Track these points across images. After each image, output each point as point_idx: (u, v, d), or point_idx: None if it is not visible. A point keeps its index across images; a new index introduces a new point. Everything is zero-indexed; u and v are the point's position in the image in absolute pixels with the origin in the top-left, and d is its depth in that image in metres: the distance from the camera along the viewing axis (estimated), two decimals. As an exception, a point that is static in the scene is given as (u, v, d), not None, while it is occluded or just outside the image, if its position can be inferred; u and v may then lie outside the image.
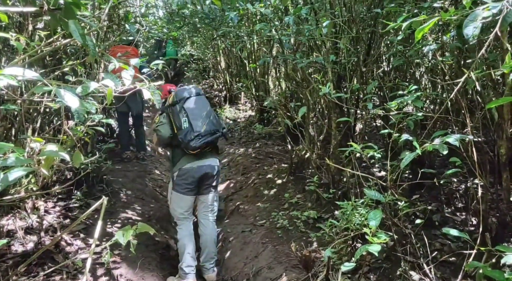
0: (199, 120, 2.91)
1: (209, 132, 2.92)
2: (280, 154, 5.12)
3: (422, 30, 1.16)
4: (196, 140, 2.84)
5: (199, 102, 3.02)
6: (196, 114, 2.93)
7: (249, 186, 4.32)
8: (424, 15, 1.34)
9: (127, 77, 1.76)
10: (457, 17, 1.04)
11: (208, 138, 2.90)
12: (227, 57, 8.24)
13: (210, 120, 2.96)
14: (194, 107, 2.95)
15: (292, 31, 3.14)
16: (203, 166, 3.03)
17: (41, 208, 3.66)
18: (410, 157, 1.97)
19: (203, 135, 2.88)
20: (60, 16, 1.72)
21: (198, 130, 2.86)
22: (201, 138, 2.86)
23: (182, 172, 3.02)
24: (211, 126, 2.95)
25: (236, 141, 6.08)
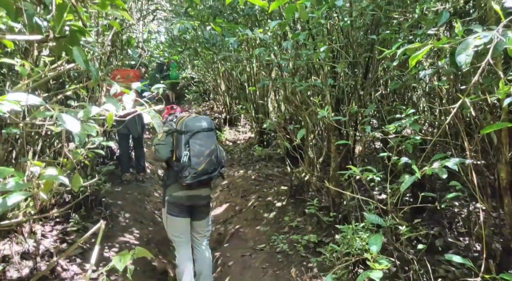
0: (200, 158, 2.82)
1: (207, 171, 2.85)
2: (280, 176, 5.10)
3: (416, 57, 1.19)
4: (191, 178, 2.79)
5: (206, 138, 2.90)
6: (199, 152, 2.83)
7: (249, 209, 4.29)
8: (418, 43, 1.37)
9: (128, 101, 1.79)
10: (450, 45, 1.07)
11: (203, 177, 2.84)
12: (227, 80, 8.36)
13: (211, 159, 2.88)
14: (199, 144, 2.85)
15: (291, 55, 3.21)
16: (193, 196, 2.99)
17: (38, 232, 3.62)
18: (409, 181, 1.97)
19: (199, 173, 2.81)
20: (64, 42, 1.77)
21: (195, 168, 2.80)
22: (196, 176, 2.80)
23: (172, 198, 2.98)
24: (210, 165, 2.87)
25: (236, 163, 6.08)
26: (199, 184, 2.90)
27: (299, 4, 1.79)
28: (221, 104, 9.00)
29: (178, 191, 2.94)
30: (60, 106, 1.87)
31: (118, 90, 1.88)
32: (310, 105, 3.67)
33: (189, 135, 2.85)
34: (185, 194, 2.94)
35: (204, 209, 3.12)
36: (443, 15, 1.65)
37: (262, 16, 4.10)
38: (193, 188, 2.93)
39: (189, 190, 2.94)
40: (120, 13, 1.93)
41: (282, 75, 3.71)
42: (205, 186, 3.02)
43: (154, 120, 1.87)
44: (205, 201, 3.09)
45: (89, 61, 1.76)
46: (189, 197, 2.96)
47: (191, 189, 2.94)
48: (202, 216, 3.13)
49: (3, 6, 1.49)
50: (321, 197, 3.59)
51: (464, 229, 2.88)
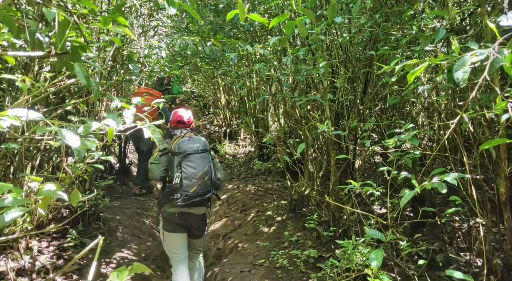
0: (191, 181, 2.80)
1: (199, 193, 2.82)
2: (279, 190, 5.08)
3: (414, 73, 1.20)
4: (182, 200, 2.76)
5: (199, 160, 2.88)
6: (191, 174, 2.81)
7: (248, 223, 4.25)
8: (416, 59, 1.39)
9: (128, 116, 1.80)
10: (447, 62, 1.08)
11: (195, 199, 2.81)
12: (227, 94, 8.41)
13: (204, 181, 2.85)
14: (191, 166, 2.83)
15: (291, 70, 3.24)
16: (187, 214, 2.95)
17: (34, 248, 3.57)
18: (409, 196, 1.96)
19: (190, 196, 2.78)
20: (66, 59, 1.79)
21: (186, 191, 2.77)
22: (187, 199, 2.77)
23: (166, 215, 2.97)
24: (203, 187, 2.84)
25: (235, 177, 6.06)
26: (193, 204, 2.88)
27: (298, 21, 1.82)
28: (221, 118, 9.03)
29: (171, 208, 2.92)
30: (60, 121, 1.87)
31: (119, 105, 1.89)
32: (310, 119, 3.69)
33: (181, 157, 2.84)
34: (178, 211, 2.91)
35: (199, 228, 3.10)
36: (440, 31, 1.68)
37: (262, 32, 4.16)
38: (187, 207, 2.90)
39: (182, 208, 2.91)
40: (122, 29, 1.95)
41: (282, 89, 3.74)
42: (200, 205, 2.98)
43: (154, 135, 1.88)
44: (199, 219, 3.06)
45: (90, 77, 1.77)
46: (183, 214, 2.94)
47: (184, 208, 2.90)
48: (198, 234, 3.12)
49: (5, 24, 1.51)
50: (321, 211, 3.57)
51: (465, 244, 2.86)
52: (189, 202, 2.79)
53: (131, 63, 2.93)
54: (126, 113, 1.80)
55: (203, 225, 3.14)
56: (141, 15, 3.62)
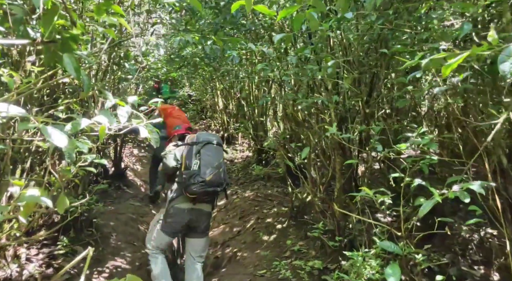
0: (209, 168, 2.87)
1: (214, 183, 2.87)
2: (280, 196, 4.92)
3: (450, 66, 1.06)
4: (198, 186, 2.80)
5: (216, 151, 3.02)
6: (209, 162, 2.91)
7: (248, 230, 4.08)
8: (444, 53, 1.24)
9: (123, 114, 1.64)
10: (493, 51, 0.94)
11: (209, 188, 2.85)
12: (224, 98, 8.27)
13: (219, 172, 2.93)
14: (210, 154, 2.95)
15: (294, 71, 3.10)
16: (196, 210, 3.00)
17: (22, 256, 3.39)
18: (428, 206, 1.81)
19: (207, 184, 2.83)
20: (54, 48, 1.63)
21: (203, 177, 2.82)
22: (203, 185, 2.81)
23: (174, 210, 2.98)
24: (218, 178, 2.91)
25: (234, 182, 5.89)
26: (204, 198, 2.94)
27: (308, 13, 1.67)
28: (218, 122, 8.88)
29: (181, 204, 2.96)
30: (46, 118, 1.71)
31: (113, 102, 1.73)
32: (313, 122, 3.54)
33: (200, 145, 2.96)
34: (187, 207, 2.95)
35: (205, 226, 3.13)
36: (464, 26, 1.54)
37: (263, 32, 4.03)
38: (197, 202, 2.95)
39: (192, 204, 2.95)
40: (117, 19, 1.80)
41: (283, 91, 3.60)
42: (208, 202, 3.06)
43: (152, 135, 1.71)
44: (205, 218, 3.10)
45: (81, 69, 1.62)
46: (191, 211, 2.97)
47: (194, 203, 2.95)
48: (202, 233, 3.12)
49: (-14, 8, 1.35)
50: (325, 219, 3.40)
51: (478, 256, 2.70)
52: (204, 190, 2.81)
53: (127, 62, 2.77)
54: (120, 111, 1.64)
55: (208, 223, 3.17)
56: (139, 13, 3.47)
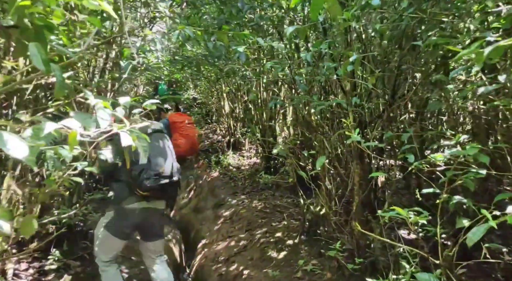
0: (159, 159, 2.56)
1: (169, 175, 2.59)
2: (290, 207, 4.56)
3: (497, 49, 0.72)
4: (153, 180, 2.48)
5: (163, 139, 2.71)
6: (158, 152, 2.59)
7: (255, 246, 3.72)
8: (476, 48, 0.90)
9: (104, 117, 1.31)
10: None
11: (166, 181, 2.56)
12: (231, 101, 7.95)
13: (169, 161, 2.63)
14: (156, 145, 2.62)
15: (307, 70, 2.76)
16: (148, 209, 2.66)
17: (9, 272, 3.10)
18: (480, 232, 1.45)
19: (161, 176, 2.53)
20: (18, 37, 1.32)
21: (157, 169, 2.52)
22: (158, 178, 2.51)
23: (124, 212, 2.61)
24: (169, 168, 2.61)
25: (240, 191, 5.54)
26: (157, 194, 2.63)
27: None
28: (224, 126, 8.55)
29: (131, 204, 2.59)
30: (5, 121, 1.39)
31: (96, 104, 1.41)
32: (326, 128, 3.20)
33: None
34: (139, 206, 2.61)
35: (159, 227, 2.86)
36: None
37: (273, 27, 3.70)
38: (150, 199, 2.64)
39: (144, 201, 2.61)
40: (99, 3, 1.48)
41: (294, 93, 3.26)
42: (162, 198, 2.76)
43: (137, 142, 1.38)
44: (158, 216, 2.80)
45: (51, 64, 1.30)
46: (143, 210, 2.63)
47: (147, 201, 2.63)
48: (157, 235, 2.84)
49: None
50: (342, 235, 3.04)
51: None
52: (160, 183, 2.51)
53: (122, 60, 2.46)
54: (101, 114, 1.31)
55: (161, 223, 2.88)
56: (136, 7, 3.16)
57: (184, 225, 5.75)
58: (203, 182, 6.65)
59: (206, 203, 5.72)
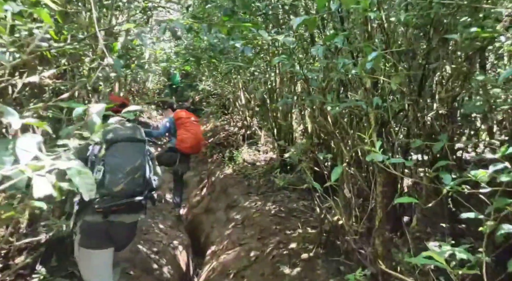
0: (117, 175, 2.17)
1: (127, 193, 2.21)
2: (306, 212, 4.19)
3: None
4: (103, 201, 2.13)
5: (128, 151, 2.28)
6: (117, 167, 2.18)
7: (267, 258, 3.39)
8: None
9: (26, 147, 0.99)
10: None
11: (121, 201, 2.19)
12: (247, 92, 7.57)
13: (135, 178, 2.24)
14: (118, 157, 2.21)
15: (321, 65, 2.34)
16: (114, 224, 2.29)
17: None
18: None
19: (115, 196, 2.17)
20: None
21: (110, 188, 2.14)
22: (111, 199, 2.15)
23: (86, 225, 2.26)
24: (133, 185, 2.23)
25: (254, 191, 5.20)
26: (120, 209, 2.24)
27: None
28: (239, 118, 8.19)
29: (92, 216, 2.22)
30: None
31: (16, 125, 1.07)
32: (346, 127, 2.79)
33: (106, 145, 2.19)
34: (101, 220, 2.24)
35: (127, 240, 2.51)
36: None
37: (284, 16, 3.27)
38: (112, 214, 2.25)
39: (104, 216, 2.23)
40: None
41: (308, 90, 2.86)
42: (132, 211, 2.35)
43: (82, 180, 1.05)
44: (129, 230, 2.45)
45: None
46: (107, 223, 2.26)
47: (107, 216, 2.25)
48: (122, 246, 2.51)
49: None
50: (362, 250, 2.66)
51: None
52: (112, 204, 2.16)
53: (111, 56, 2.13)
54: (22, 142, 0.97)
55: (132, 236, 2.54)
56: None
57: (195, 226, 5.50)
58: (216, 179, 6.36)
59: (218, 203, 5.43)
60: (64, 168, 0.90)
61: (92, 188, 1.01)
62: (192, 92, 12.04)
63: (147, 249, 3.82)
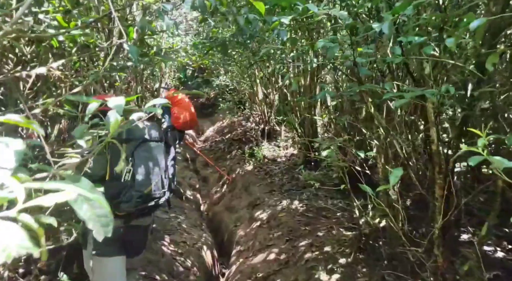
0: (147, 177, 2.05)
1: (155, 195, 2.09)
2: (336, 211, 3.93)
3: None
4: (134, 203, 1.98)
5: (156, 151, 2.15)
6: (147, 168, 2.06)
7: (298, 262, 3.14)
8: None
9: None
10: None
11: (149, 203, 2.07)
12: (264, 87, 7.31)
13: (161, 179, 2.14)
14: (147, 157, 2.08)
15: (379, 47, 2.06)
16: (132, 228, 2.16)
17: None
18: None
19: (145, 198, 2.03)
20: None
21: (140, 191, 2.00)
22: (140, 202, 2.01)
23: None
24: (159, 187, 2.12)
25: (277, 188, 4.95)
26: (141, 213, 2.13)
27: None
28: (257, 114, 7.94)
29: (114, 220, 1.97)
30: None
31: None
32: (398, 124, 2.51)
33: (133, 144, 2.06)
34: (118, 225, 2.08)
35: (142, 243, 2.33)
36: None
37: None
38: (133, 218, 2.13)
39: (126, 220, 2.12)
40: None
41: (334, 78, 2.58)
42: (149, 213, 2.25)
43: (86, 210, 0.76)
44: (143, 233, 2.30)
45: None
46: (124, 229, 2.11)
47: (129, 219, 2.12)
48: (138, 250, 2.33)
49: None
50: (414, 261, 2.38)
51: None
52: (141, 206, 2.03)
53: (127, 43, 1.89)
54: None
55: (145, 239, 2.36)
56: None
57: (216, 224, 5.29)
58: (237, 176, 6.13)
59: (240, 201, 5.20)
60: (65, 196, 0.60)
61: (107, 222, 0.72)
62: (207, 88, 11.83)
63: (172, 251, 3.61)
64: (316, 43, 2.08)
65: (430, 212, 2.64)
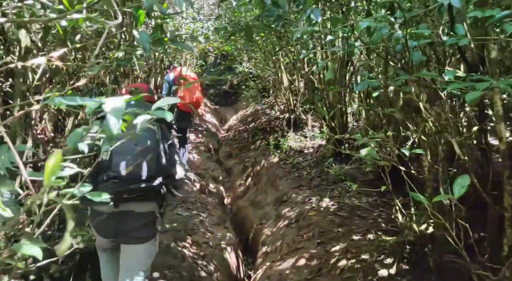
0: (126, 157, 1.93)
1: (135, 178, 1.93)
2: (372, 210, 3.58)
3: None
4: (109, 184, 1.88)
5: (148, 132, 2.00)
6: (126, 148, 1.90)
7: (333, 271, 2.84)
8: None
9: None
10: None
11: (130, 186, 1.91)
12: (289, 73, 6.93)
13: (147, 161, 1.97)
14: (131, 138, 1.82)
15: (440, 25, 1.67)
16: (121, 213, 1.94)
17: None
18: None
19: (122, 180, 1.91)
20: None
21: (116, 171, 1.90)
22: (116, 184, 1.89)
23: (92, 214, 2.00)
24: (142, 170, 1.95)
25: (305, 183, 4.63)
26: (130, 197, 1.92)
27: None
28: (282, 102, 7.58)
29: (98, 205, 1.88)
30: None
31: None
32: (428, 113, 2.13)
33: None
34: (107, 210, 1.93)
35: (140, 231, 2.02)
36: None
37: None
38: (120, 202, 1.92)
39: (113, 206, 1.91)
40: None
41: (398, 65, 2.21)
42: (143, 199, 1.98)
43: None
44: (140, 221, 2.00)
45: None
46: (114, 214, 1.94)
47: (116, 205, 1.91)
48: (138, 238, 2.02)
49: None
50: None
51: None
52: (119, 189, 1.88)
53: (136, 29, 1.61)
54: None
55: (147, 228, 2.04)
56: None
57: (240, 220, 5.05)
58: (261, 168, 5.85)
59: (265, 196, 4.92)
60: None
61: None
62: (230, 75, 11.53)
63: (193, 253, 3.38)
64: (358, 24, 1.72)
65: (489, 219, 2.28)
